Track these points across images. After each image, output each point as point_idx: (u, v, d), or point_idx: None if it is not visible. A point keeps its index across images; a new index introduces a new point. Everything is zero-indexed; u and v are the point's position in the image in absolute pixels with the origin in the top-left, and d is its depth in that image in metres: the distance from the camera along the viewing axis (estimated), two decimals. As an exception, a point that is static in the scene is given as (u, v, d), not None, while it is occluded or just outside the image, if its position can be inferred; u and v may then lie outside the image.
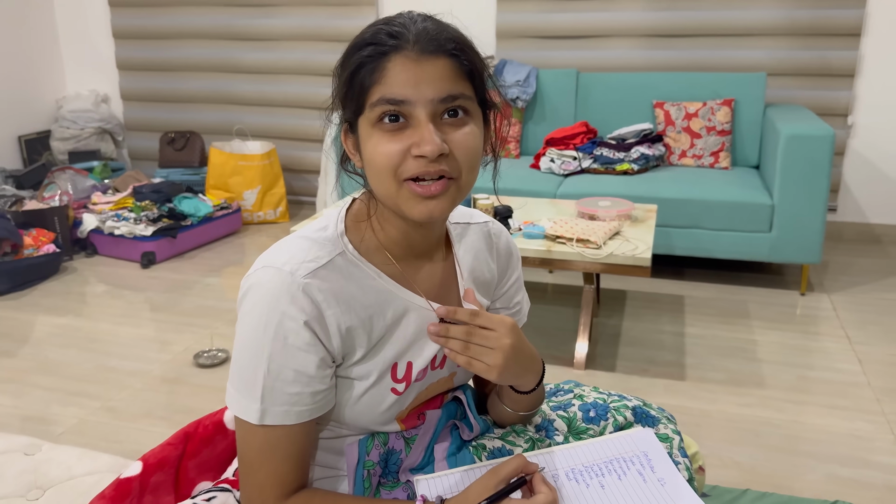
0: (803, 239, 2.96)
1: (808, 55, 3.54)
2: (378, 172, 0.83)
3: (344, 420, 0.92)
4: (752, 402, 2.25)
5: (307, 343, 0.84)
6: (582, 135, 3.51)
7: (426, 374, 0.94)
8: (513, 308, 1.08)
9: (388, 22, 0.84)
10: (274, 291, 0.83)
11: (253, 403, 0.85)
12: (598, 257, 2.35)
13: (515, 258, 1.08)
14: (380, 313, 0.90)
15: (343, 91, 0.85)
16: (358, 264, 0.89)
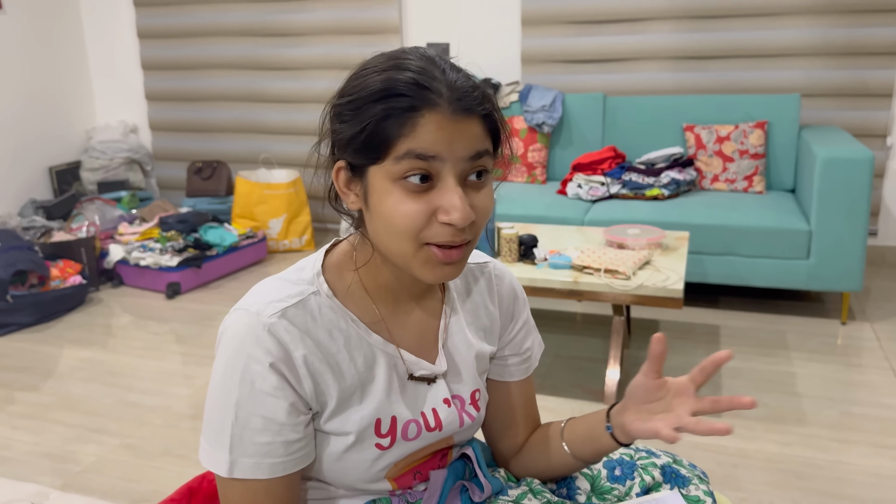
0: (843, 266, 2.84)
1: (844, 75, 3.43)
2: (396, 232, 0.78)
3: (326, 478, 0.86)
4: (793, 441, 2.14)
5: (274, 387, 0.79)
6: (610, 160, 3.44)
7: (420, 433, 0.88)
8: (523, 354, 1.01)
9: (421, 71, 0.76)
10: (240, 334, 0.79)
11: (222, 454, 0.79)
12: (628, 289, 2.27)
13: (521, 301, 1.02)
14: (349, 359, 0.84)
15: (355, 134, 0.78)
16: (331, 305, 0.84)
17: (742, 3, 3.45)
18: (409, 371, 0.88)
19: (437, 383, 0.91)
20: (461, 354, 0.93)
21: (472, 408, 0.94)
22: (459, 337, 0.94)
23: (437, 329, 0.93)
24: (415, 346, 0.90)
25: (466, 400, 0.93)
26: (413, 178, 0.75)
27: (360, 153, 0.78)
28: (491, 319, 0.98)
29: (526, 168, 3.69)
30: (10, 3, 4.21)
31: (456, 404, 0.92)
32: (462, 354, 0.94)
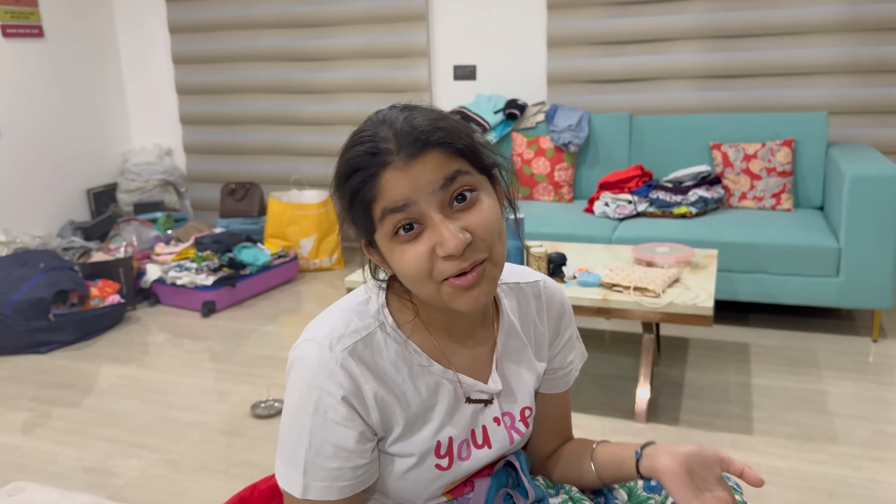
0: (873, 283, 2.83)
1: (872, 92, 3.43)
2: (413, 280, 0.83)
3: (388, 493, 0.91)
4: (825, 459, 2.13)
5: (345, 418, 0.84)
6: (637, 178, 3.46)
7: (471, 454, 0.93)
8: (566, 368, 1.05)
9: (371, 139, 0.81)
10: (313, 367, 0.84)
11: (297, 478, 0.85)
12: (657, 306, 2.29)
13: (568, 316, 1.05)
14: (413, 389, 0.89)
15: (348, 216, 0.85)
16: (395, 338, 0.89)
17: (767, 22, 3.48)
18: (465, 394, 0.92)
19: (493, 405, 0.95)
20: (514, 374, 0.98)
21: (522, 424, 0.99)
22: (513, 357, 0.98)
23: (492, 352, 0.97)
24: (471, 370, 0.94)
25: (516, 417, 0.98)
26: (400, 231, 0.81)
27: (359, 228, 0.85)
28: (540, 337, 1.02)
29: (553, 187, 3.73)
30: (52, 31, 4.38)
31: (505, 422, 0.96)
32: (515, 374, 0.98)
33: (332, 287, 3.97)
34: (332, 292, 3.87)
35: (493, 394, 0.95)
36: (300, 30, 4.35)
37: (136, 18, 4.77)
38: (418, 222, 0.81)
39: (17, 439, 2.42)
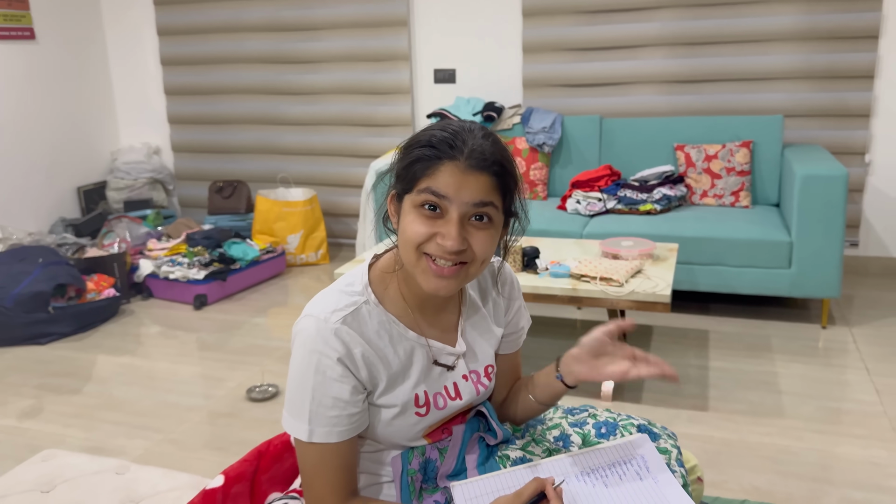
0: (822, 274, 3.08)
1: (825, 97, 3.69)
2: (405, 242, 1.04)
3: (378, 439, 1.11)
4: (772, 432, 2.37)
5: (340, 375, 1.04)
6: (606, 177, 3.69)
7: (447, 404, 1.13)
8: (519, 332, 1.27)
9: (454, 132, 1.02)
10: (313, 336, 1.04)
11: (303, 425, 1.04)
12: (621, 294, 2.51)
13: (517, 289, 1.26)
14: (393, 352, 1.09)
15: (400, 170, 1.05)
16: (378, 311, 1.09)
17: (729, 31, 3.72)
18: (434, 357, 1.13)
19: (459, 366, 1.15)
20: (477, 339, 1.18)
21: (486, 379, 1.19)
22: (475, 326, 1.19)
23: (458, 322, 1.17)
24: (441, 336, 1.15)
25: (481, 374, 1.18)
26: (426, 207, 1.01)
27: (400, 184, 1.05)
28: (497, 307, 1.22)
29: (528, 185, 3.95)
30: (42, 33, 4.50)
31: (472, 378, 1.16)
32: (477, 339, 1.18)
33: (319, 281, 4.14)
34: (318, 286, 4.05)
35: (458, 355, 1.15)
36: (286, 34, 4.52)
37: (124, 21, 4.91)
38: (441, 211, 1.01)
39: (26, 423, 2.58)
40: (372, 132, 4.52)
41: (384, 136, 4.48)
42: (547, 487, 1.00)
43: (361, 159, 4.57)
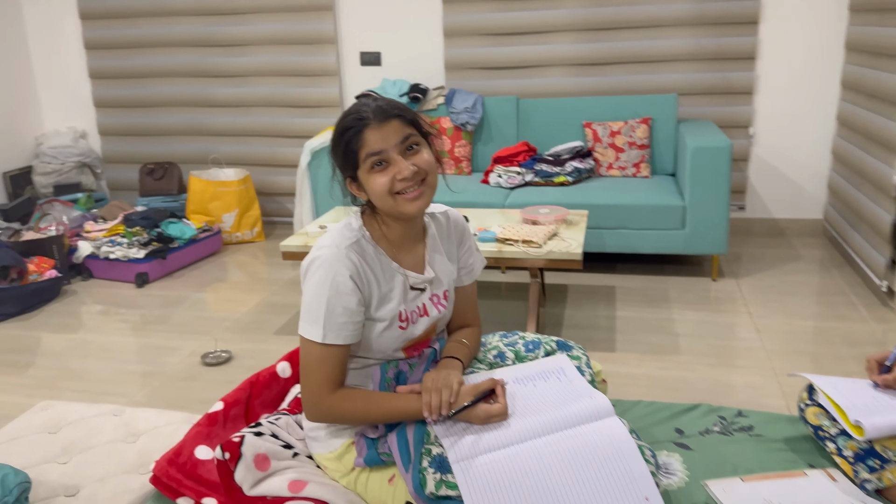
0: (711, 234, 3.53)
1: (713, 76, 4.15)
2: (380, 196, 1.34)
3: (371, 348, 1.39)
4: (669, 366, 2.78)
5: (351, 290, 1.32)
6: (524, 153, 4.04)
7: (418, 320, 1.43)
8: (469, 267, 1.58)
9: (355, 112, 1.33)
10: (330, 259, 1.32)
11: (318, 329, 1.32)
12: (540, 254, 2.86)
13: (468, 233, 1.58)
14: (381, 276, 1.39)
15: (341, 161, 1.36)
16: (370, 245, 1.39)
17: (628, 17, 4.11)
18: (410, 283, 1.42)
19: (427, 290, 1.44)
20: (438, 269, 1.47)
21: (444, 300, 1.49)
22: (436, 258, 1.49)
23: (424, 255, 1.47)
24: (413, 266, 1.44)
25: (441, 297, 1.48)
26: (375, 166, 1.31)
27: (348, 169, 1.36)
28: (451, 246, 1.53)
29: (454, 162, 4.25)
30: (-40, 18, 4.44)
31: (434, 300, 1.46)
32: (438, 269, 1.48)
33: (255, 258, 4.33)
34: (254, 262, 4.24)
35: (427, 281, 1.45)
36: (213, 17, 4.63)
37: (43, 5, 4.87)
38: (386, 161, 1.31)
39: (-12, 396, 2.70)
40: (302, 113, 4.70)
41: (315, 117, 4.68)
42: (497, 386, 1.31)
43: (293, 139, 4.75)
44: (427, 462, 1.26)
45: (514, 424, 1.27)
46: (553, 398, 1.33)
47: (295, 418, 1.49)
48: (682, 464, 1.47)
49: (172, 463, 1.40)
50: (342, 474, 1.37)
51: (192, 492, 1.36)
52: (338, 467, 1.37)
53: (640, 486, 1.18)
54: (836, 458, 1.42)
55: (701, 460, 1.48)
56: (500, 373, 1.43)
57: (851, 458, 1.39)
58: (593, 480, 1.18)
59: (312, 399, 1.34)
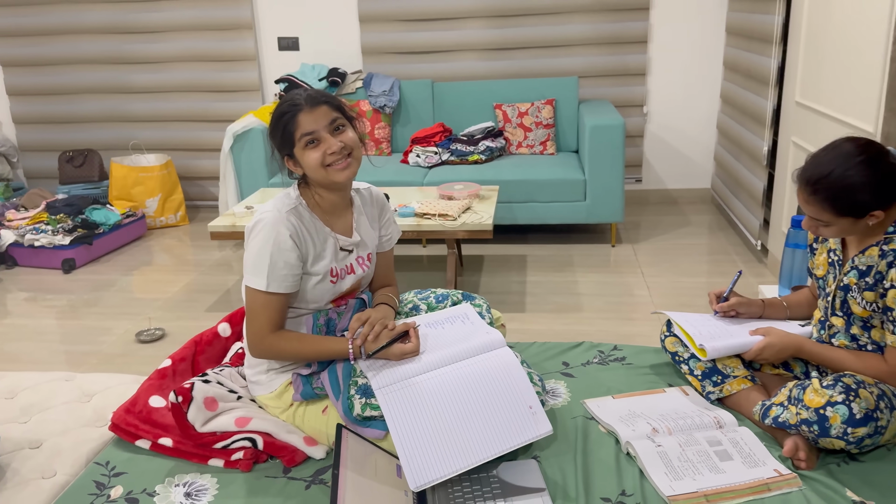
0: (609, 204, 3.89)
1: (610, 59, 4.50)
2: (314, 168, 1.57)
3: (306, 299, 1.62)
4: (572, 322, 3.11)
5: (291, 247, 1.55)
6: (440, 133, 4.29)
7: (346, 276, 1.67)
8: (388, 236, 1.82)
9: (290, 100, 1.57)
10: (272, 221, 1.55)
11: (262, 280, 1.54)
12: (455, 226, 3.13)
13: (387, 205, 1.83)
14: (315, 238, 1.62)
15: (280, 142, 1.58)
16: (306, 212, 1.61)
17: (533, 4, 4.41)
18: (340, 245, 1.65)
19: (354, 252, 1.68)
20: (363, 234, 1.71)
21: (367, 261, 1.73)
22: (361, 225, 1.72)
23: (351, 221, 1.70)
24: (343, 231, 1.68)
25: (365, 258, 1.72)
26: (309, 144, 1.55)
27: (287, 147, 1.58)
28: (372, 216, 1.76)
29: (374, 143, 4.46)
30: None
31: (360, 261, 1.70)
32: (364, 234, 1.71)
33: (180, 241, 4.43)
34: (180, 245, 4.35)
35: (355, 244, 1.68)
36: (128, 3, 4.65)
37: (-54, -11, 4.77)
38: (318, 139, 1.55)
39: (-77, 381, 2.77)
40: (222, 98, 4.80)
41: (235, 101, 4.79)
42: (410, 329, 1.57)
43: (214, 124, 4.84)
44: (354, 391, 1.50)
45: (425, 358, 1.53)
46: (457, 336, 1.60)
47: (237, 370, 1.71)
48: (566, 388, 1.77)
49: (129, 411, 1.60)
50: (282, 410, 1.60)
51: (150, 434, 1.56)
52: (278, 404, 1.60)
53: (525, 397, 1.47)
54: (689, 377, 1.75)
55: (581, 385, 1.78)
56: (413, 319, 1.68)
57: (700, 375, 1.71)
58: (488, 396, 1.46)
59: (255, 339, 1.56)
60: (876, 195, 1.43)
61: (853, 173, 1.42)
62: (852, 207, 1.44)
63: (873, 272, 1.50)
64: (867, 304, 1.52)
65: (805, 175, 1.48)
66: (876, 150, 1.44)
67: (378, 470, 1.39)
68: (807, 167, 1.49)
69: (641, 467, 1.45)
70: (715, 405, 1.68)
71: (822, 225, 1.50)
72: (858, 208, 1.44)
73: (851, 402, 1.38)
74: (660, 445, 1.49)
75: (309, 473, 1.51)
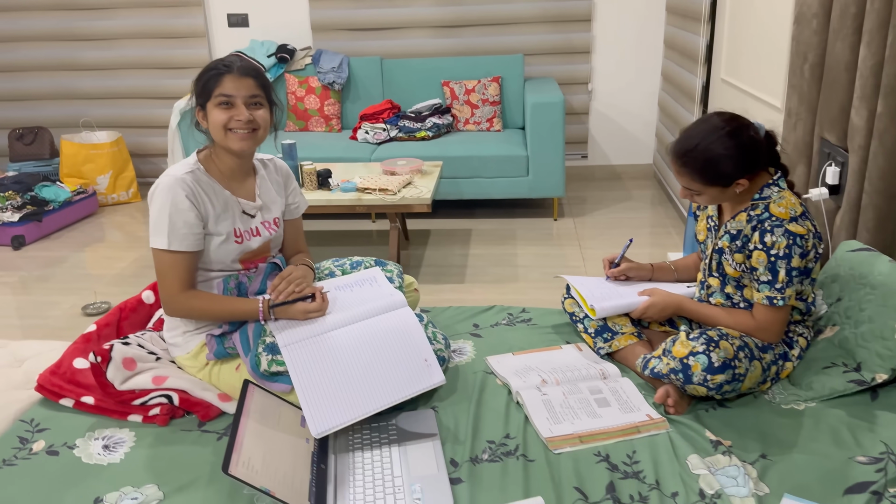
0: (550, 179, 4.02)
1: (555, 37, 4.60)
2: (217, 128, 1.66)
3: (212, 259, 1.71)
4: (510, 291, 3.24)
5: (188, 207, 1.63)
6: (388, 110, 4.37)
7: (252, 237, 1.76)
8: (294, 204, 1.91)
9: (224, 60, 1.66)
10: (170, 184, 1.63)
11: (163, 239, 1.62)
12: (394, 200, 3.23)
13: (291, 175, 1.92)
14: (214, 199, 1.69)
15: (199, 91, 1.67)
16: (204, 176, 1.69)
17: (479, -16, 4.49)
18: (242, 209, 1.74)
19: (258, 216, 1.77)
20: (266, 199, 1.80)
21: (274, 225, 1.82)
22: (265, 191, 1.81)
23: (254, 188, 1.79)
24: (246, 195, 1.76)
25: (271, 222, 1.81)
26: (222, 104, 1.64)
27: (202, 99, 1.66)
28: (277, 185, 1.86)
29: (324, 120, 4.53)
30: None
31: (265, 225, 1.79)
32: (267, 199, 1.80)
33: (132, 218, 4.48)
34: (132, 222, 4.39)
35: (257, 208, 1.78)
36: (75, -20, 4.63)
37: None
38: (231, 104, 1.64)
39: None
40: (172, 74, 4.82)
41: (185, 78, 4.81)
42: (317, 292, 1.68)
43: (164, 101, 4.87)
44: (262, 348, 1.61)
45: (329, 318, 1.64)
46: (362, 298, 1.71)
47: (158, 334, 1.80)
48: (472, 347, 1.90)
49: (54, 373, 1.69)
50: (198, 369, 1.70)
51: (72, 393, 1.65)
52: (194, 364, 1.70)
53: (421, 352, 1.59)
54: (584, 334, 1.88)
55: (487, 344, 1.91)
56: (324, 283, 1.79)
57: (592, 333, 1.85)
58: (387, 350, 1.58)
59: (168, 298, 1.66)
60: (738, 165, 1.56)
61: (717, 146, 1.55)
62: (718, 177, 1.57)
63: (742, 235, 1.64)
64: (737, 266, 1.66)
65: (675, 148, 1.61)
66: (739, 123, 1.57)
67: (281, 420, 1.50)
68: (678, 141, 1.62)
69: (527, 413, 1.58)
70: (605, 359, 1.82)
71: (694, 194, 1.63)
72: (724, 178, 1.57)
73: (711, 352, 1.52)
74: (545, 395, 1.63)
75: (222, 427, 1.61)
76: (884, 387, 1.62)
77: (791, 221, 1.57)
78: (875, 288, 1.67)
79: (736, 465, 1.41)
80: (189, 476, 1.44)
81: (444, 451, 1.49)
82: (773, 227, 1.57)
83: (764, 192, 1.62)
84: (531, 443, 1.50)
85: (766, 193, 1.62)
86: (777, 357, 1.66)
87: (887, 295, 1.63)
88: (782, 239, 1.55)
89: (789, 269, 1.56)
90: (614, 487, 1.37)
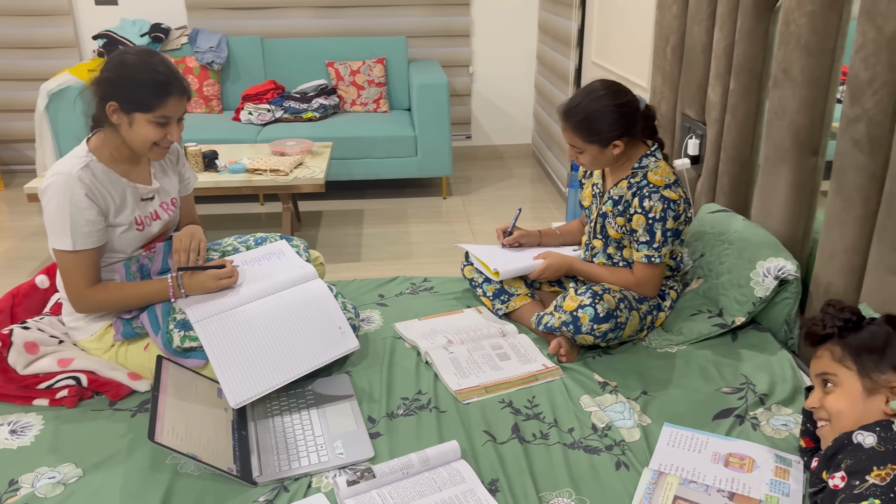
0: (438, 159, 4.14)
1: (437, 20, 4.71)
2: (143, 140, 1.61)
3: (114, 248, 1.68)
4: (406, 268, 3.34)
5: (88, 205, 1.59)
6: (272, 91, 4.32)
7: (152, 223, 1.75)
8: (188, 180, 1.91)
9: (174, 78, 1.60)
10: (64, 182, 1.57)
11: (67, 240, 1.58)
12: (287, 181, 3.23)
13: (181, 153, 1.91)
14: (115, 191, 1.66)
15: (131, 96, 1.58)
16: (99, 166, 1.65)
17: (360, -35, 4.51)
18: (140, 194, 1.72)
19: (156, 198, 1.76)
20: (162, 181, 1.79)
21: (172, 206, 1.82)
22: (159, 173, 1.80)
23: (150, 172, 1.78)
24: (141, 181, 1.74)
25: (168, 204, 1.81)
26: (160, 122, 1.60)
27: (129, 103, 1.59)
28: (171, 163, 1.84)
29: (203, 101, 4.41)
30: None
31: (164, 206, 1.78)
32: (162, 181, 1.79)
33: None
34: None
35: (154, 191, 1.76)
36: (-85, -51, 4.23)
37: None
38: (168, 124, 1.60)
39: None
40: (35, 55, 4.52)
41: (49, 59, 4.53)
42: (227, 263, 1.70)
43: (28, 83, 4.56)
44: (173, 325, 1.62)
45: (241, 291, 1.68)
46: (272, 271, 1.76)
47: (57, 318, 1.76)
48: (380, 316, 1.99)
49: (-54, 364, 1.61)
50: (104, 351, 1.68)
51: (-31, 382, 1.59)
52: (99, 346, 1.68)
53: (335, 320, 1.66)
54: (483, 298, 2.02)
55: (393, 312, 2.00)
56: (232, 257, 1.82)
57: (491, 296, 1.99)
58: (301, 320, 1.64)
59: (75, 296, 1.62)
60: (614, 125, 1.73)
61: (595, 104, 1.72)
62: (595, 133, 1.74)
63: (623, 201, 1.82)
64: (619, 228, 1.84)
65: (562, 107, 1.77)
66: (618, 88, 1.75)
67: (199, 393, 1.53)
68: (565, 102, 1.78)
69: (436, 371, 1.70)
70: (503, 319, 1.97)
71: (577, 152, 1.80)
72: (601, 135, 1.74)
73: (597, 304, 1.69)
74: (452, 353, 1.75)
75: (135, 404, 1.61)
76: (742, 329, 1.86)
77: (666, 188, 1.76)
78: (732, 243, 1.91)
79: (622, 402, 1.59)
80: (106, 452, 1.44)
81: (362, 409, 1.57)
82: (650, 193, 1.76)
83: (643, 162, 1.81)
84: (442, 396, 1.62)
85: (645, 163, 1.81)
86: (652, 308, 1.87)
87: (742, 248, 1.87)
88: (658, 203, 1.75)
89: (665, 230, 1.76)
90: (518, 428, 1.51)
